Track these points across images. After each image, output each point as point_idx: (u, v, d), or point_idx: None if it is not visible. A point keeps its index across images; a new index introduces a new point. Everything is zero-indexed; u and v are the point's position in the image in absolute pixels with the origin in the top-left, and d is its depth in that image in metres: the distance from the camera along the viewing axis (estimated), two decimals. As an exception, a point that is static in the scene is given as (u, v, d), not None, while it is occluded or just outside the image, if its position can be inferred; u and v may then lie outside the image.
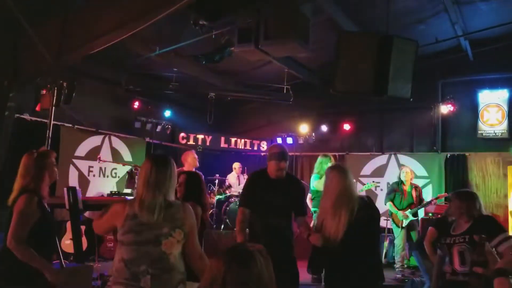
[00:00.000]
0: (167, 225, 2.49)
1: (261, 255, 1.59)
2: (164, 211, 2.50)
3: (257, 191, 3.91)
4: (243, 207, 3.98)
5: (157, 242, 2.46)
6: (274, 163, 3.83)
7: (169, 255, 2.47)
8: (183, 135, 10.72)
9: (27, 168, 3.17)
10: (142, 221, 2.48)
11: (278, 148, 3.95)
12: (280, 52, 6.40)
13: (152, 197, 2.50)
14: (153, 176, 2.54)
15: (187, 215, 2.59)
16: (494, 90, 8.84)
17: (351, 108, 9.89)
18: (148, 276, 2.41)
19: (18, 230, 2.91)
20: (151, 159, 2.65)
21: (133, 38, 6.34)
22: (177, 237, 2.50)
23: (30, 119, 7.35)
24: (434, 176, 9.13)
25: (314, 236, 3.51)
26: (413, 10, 7.24)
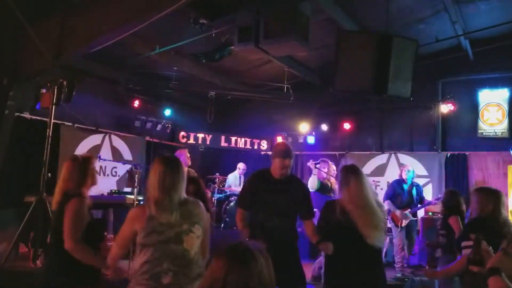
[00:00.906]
0: (186, 222, 2.57)
1: (261, 255, 1.59)
2: (180, 209, 2.57)
3: (259, 191, 3.80)
4: (240, 208, 3.91)
5: (178, 239, 2.53)
6: (279, 160, 3.73)
7: (190, 251, 2.55)
8: (183, 134, 10.72)
9: (71, 173, 3.26)
10: (162, 221, 2.53)
11: (283, 146, 3.88)
12: (280, 51, 6.39)
13: (168, 198, 2.56)
14: (168, 177, 2.59)
15: (203, 210, 2.69)
16: (494, 89, 8.83)
17: (351, 107, 9.90)
18: (170, 273, 2.48)
19: (75, 231, 2.98)
20: (163, 161, 2.68)
21: (133, 37, 6.35)
22: (197, 233, 2.58)
23: (30, 117, 7.35)
24: (434, 176, 9.13)
25: (324, 245, 3.45)
26: (413, 9, 7.23)
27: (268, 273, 1.58)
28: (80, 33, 5.48)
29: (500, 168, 8.66)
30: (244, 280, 1.51)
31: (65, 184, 3.23)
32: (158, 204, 2.54)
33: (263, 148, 11.25)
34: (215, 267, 1.56)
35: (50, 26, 5.63)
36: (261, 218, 3.73)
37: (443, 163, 9.11)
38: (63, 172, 3.32)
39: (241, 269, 1.53)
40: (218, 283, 1.52)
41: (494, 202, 3.56)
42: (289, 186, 3.82)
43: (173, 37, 7.42)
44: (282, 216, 3.74)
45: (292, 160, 3.81)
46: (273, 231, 3.64)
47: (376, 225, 3.35)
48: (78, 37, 5.52)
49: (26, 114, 7.29)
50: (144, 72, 9.20)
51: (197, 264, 2.59)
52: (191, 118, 10.91)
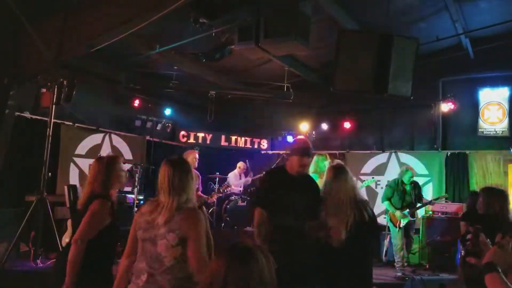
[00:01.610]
0: (164, 227, 2.46)
1: (262, 253, 1.58)
2: (173, 213, 2.48)
3: (274, 189, 3.60)
4: (259, 206, 3.59)
5: (154, 241, 2.47)
6: (297, 158, 3.59)
7: (164, 258, 2.44)
8: (184, 133, 10.72)
9: (97, 174, 3.21)
10: (148, 219, 2.53)
11: (302, 143, 3.72)
12: (280, 50, 6.39)
13: (170, 200, 2.51)
14: (175, 180, 2.54)
15: (188, 221, 2.48)
16: (494, 88, 8.83)
17: (351, 106, 9.89)
18: (146, 274, 2.44)
19: (86, 231, 2.95)
20: (171, 163, 2.64)
21: (133, 36, 6.34)
22: (171, 241, 2.43)
23: (31, 117, 7.35)
24: (434, 175, 9.12)
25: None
26: (414, 8, 7.22)
27: (269, 272, 1.58)
28: (80, 32, 5.47)
29: (501, 167, 8.65)
30: (245, 279, 1.51)
31: (91, 186, 3.19)
32: (159, 203, 2.55)
33: (263, 147, 11.25)
34: (215, 266, 1.56)
35: (51, 25, 5.63)
36: (277, 217, 3.52)
37: (443, 162, 9.10)
38: (89, 174, 3.29)
39: (241, 268, 1.53)
40: (218, 282, 1.52)
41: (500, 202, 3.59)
42: (304, 184, 3.68)
43: (173, 36, 7.41)
44: (298, 215, 3.54)
45: (310, 159, 3.66)
46: (290, 231, 3.47)
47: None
48: (79, 36, 5.51)
49: (27, 113, 7.29)
50: (145, 72, 9.20)
51: (175, 275, 2.43)
52: (191, 118, 10.91)
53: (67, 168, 8.07)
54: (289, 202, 3.51)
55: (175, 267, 2.44)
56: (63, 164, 7.92)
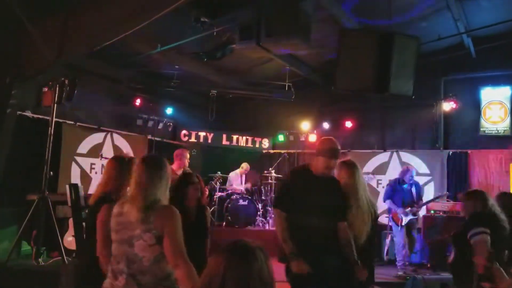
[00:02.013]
0: (140, 227, 2.40)
1: (261, 251, 1.59)
2: (145, 212, 2.41)
3: (298, 190, 3.44)
4: (280, 209, 3.45)
5: (130, 243, 2.42)
6: (323, 160, 3.41)
7: (142, 258, 2.39)
8: (185, 132, 10.74)
9: (111, 173, 3.14)
10: (122, 220, 2.47)
11: (330, 144, 3.47)
12: (282, 49, 6.39)
13: (138, 198, 2.45)
14: (144, 177, 2.48)
15: (162, 218, 2.40)
16: (496, 87, 8.81)
17: (353, 105, 9.88)
18: (124, 275, 2.41)
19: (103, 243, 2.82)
20: (143, 160, 2.60)
21: (134, 36, 6.33)
22: (148, 241, 2.39)
23: (32, 116, 7.36)
24: (436, 174, 9.11)
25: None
26: (415, 7, 7.21)
27: (268, 270, 1.58)
28: (81, 32, 5.48)
29: (502, 166, 8.64)
30: (244, 278, 1.52)
31: (105, 185, 3.12)
32: (127, 201, 2.51)
33: (265, 146, 11.25)
34: (214, 264, 1.56)
35: (52, 25, 5.64)
36: (300, 219, 3.37)
37: (445, 161, 9.09)
38: (105, 171, 3.22)
39: (240, 266, 1.53)
40: (217, 280, 1.52)
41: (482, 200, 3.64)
42: (328, 185, 3.54)
43: (174, 35, 7.42)
44: (322, 217, 3.40)
45: (337, 161, 3.49)
46: (314, 233, 3.35)
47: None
48: (80, 36, 5.52)
49: (28, 112, 7.30)
50: (146, 71, 9.21)
51: (154, 275, 2.40)
52: (192, 117, 10.91)
53: (68, 167, 8.08)
54: (313, 203, 3.38)
55: (154, 267, 2.40)
56: (64, 163, 7.93)
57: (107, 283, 2.50)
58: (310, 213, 3.37)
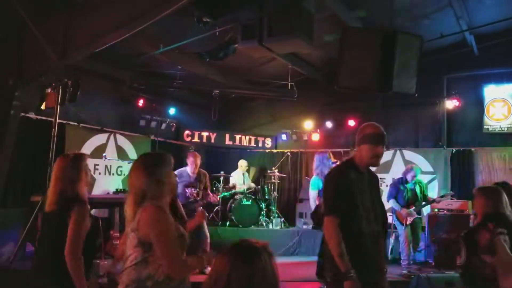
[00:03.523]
0: (129, 225, 2.42)
1: (265, 251, 1.59)
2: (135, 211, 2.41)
3: (353, 190, 2.99)
4: (335, 215, 2.89)
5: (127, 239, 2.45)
6: (369, 147, 3.01)
7: (129, 256, 2.39)
8: (188, 132, 10.75)
9: (63, 171, 3.05)
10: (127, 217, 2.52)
11: (373, 128, 3.08)
12: (284, 48, 6.40)
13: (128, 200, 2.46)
14: (130, 179, 2.48)
15: (143, 220, 2.33)
16: (499, 84, 8.78)
17: (355, 104, 9.86)
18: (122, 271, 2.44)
19: (77, 245, 2.85)
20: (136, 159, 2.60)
21: (137, 36, 6.35)
22: (132, 241, 2.37)
23: (36, 117, 7.38)
24: (439, 172, 9.09)
25: None
26: (417, 5, 7.20)
27: (272, 269, 1.58)
28: (84, 32, 5.49)
29: (506, 163, 8.62)
30: (248, 277, 1.52)
31: (60, 184, 3.03)
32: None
33: (268, 145, 11.25)
34: (219, 264, 1.57)
35: (55, 26, 5.65)
36: (359, 224, 2.96)
37: (448, 159, 9.07)
38: (55, 170, 3.10)
39: (245, 266, 1.53)
40: (222, 280, 1.52)
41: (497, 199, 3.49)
42: (373, 179, 3.21)
43: (177, 36, 7.42)
44: (376, 220, 3.07)
45: (384, 148, 3.07)
46: (371, 241, 3.00)
47: None
48: (83, 36, 5.53)
49: (32, 114, 7.32)
50: (149, 71, 9.22)
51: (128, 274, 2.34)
52: (195, 117, 10.92)
53: (72, 168, 8.09)
54: (365, 202, 3.02)
55: (136, 268, 2.34)
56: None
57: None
58: (368, 217, 3.00)
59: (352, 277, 2.75)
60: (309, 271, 6.14)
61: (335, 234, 2.85)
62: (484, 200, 3.52)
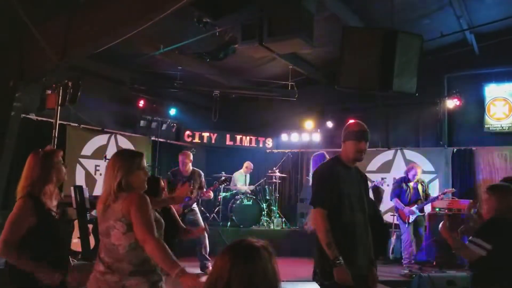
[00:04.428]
0: (112, 218, 2.54)
1: (266, 251, 1.59)
2: (111, 203, 2.55)
3: (339, 183, 3.16)
4: (322, 207, 3.08)
5: (107, 234, 2.56)
6: (353, 143, 3.21)
7: (118, 246, 2.52)
8: (189, 133, 10.75)
9: (32, 168, 3.01)
10: (98, 214, 2.63)
11: (357, 126, 3.30)
12: (284, 48, 6.38)
13: (102, 192, 2.61)
14: (107, 170, 2.64)
15: (127, 205, 2.50)
16: (500, 83, 8.77)
17: (356, 103, 9.86)
18: (104, 264, 2.54)
19: (7, 235, 2.81)
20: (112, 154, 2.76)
21: (137, 37, 6.35)
22: (120, 229, 2.51)
23: (36, 119, 7.40)
24: (440, 171, 9.09)
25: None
26: (417, 4, 7.20)
27: (273, 269, 1.58)
28: (84, 33, 5.48)
29: (507, 163, 8.60)
30: (249, 276, 1.52)
31: (25, 181, 2.99)
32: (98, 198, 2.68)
33: (268, 146, 11.25)
34: (219, 263, 1.57)
35: (55, 27, 5.65)
36: (346, 216, 3.11)
37: (449, 158, 9.06)
38: (24, 168, 3.05)
39: (245, 265, 1.53)
40: (223, 279, 1.52)
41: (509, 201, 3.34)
42: (359, 174, 3.39)
43: (177, 36, 7.43)
44: (364, 211, 3.24)
45: (367, 144, 3.28)
46: (361, 231, 3.16)
47: None
48: (83, 37, 5.52)
49: (32, 115, 7.33)
50: (149, 72, 9.23)
51: (130, 261, 2.51)
52: (196, 117, 10.93)
53: (73, 169, 8.12)
54: (352, 195, 3.18)
55: (129, 254, 2.52)
56: (69, 165, 7.94)
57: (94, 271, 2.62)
58: (354, 209, 3.16)
59: (340, 264, 2.92)
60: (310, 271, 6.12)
61: (322, 224, 3.03)
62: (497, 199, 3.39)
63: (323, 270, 3.06)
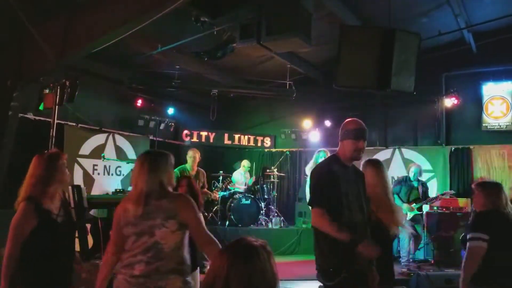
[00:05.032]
0: (159, 216, 2.54)
1: (264, 250, 1.58)
2: (155, 202, 2.56)
3: (338, 182, 3.08)
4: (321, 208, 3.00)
5: (151, 232, 2.53)
6: (351, 142, 3.14)
7: (163, 245, 2.53)
8: (187, 132, 10.74)
9: (35, 170, 3.03)
10: (135, 213, 2.56)
11: (355, 124, 3.21)
12: (283, 47, 6.38)
13: (140, 190, 2.58)
14: (143, 170, 2.61)
15: (181, 205, 2.60)
16: (498, 82, 8.79)
17: (354, 102, 9.85)
18: (142, 264, 2.51)
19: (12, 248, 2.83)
20: (142, 154, 2.74)
21: (135, 36, 6.34)
22: (171, 228, 2.54)
23: (34, 118, 7.37)
24: (438, 170, 9.10)
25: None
26: (416, 2, 7.20)
27: (271, 268, 1.58)
28: (82, 33, 5.48)
29: (505, 161, 8.62)
30: (247, 276, 1.51)
31: (28, 184, 3.02)
32: (131, 197, 2.63)
33: (267, 145, 11.25)
34: (217, 263, 1.56)
35: (53, 26, 5.65)
36: (344, 216, 3.03)
37: (447, 157, 9.07)
38: (29, 170, 3.08)
39: (243, 265, 1.53)
40: (220, 279, 1.52)
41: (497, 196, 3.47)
42: (357, 173, 3.34)
43: (175, 35, 7.42)
44: (362, 211, 3.18)
45: (366, 142, 3.21)
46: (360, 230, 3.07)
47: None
48: (81, 37, 5.53)
49: (30, 114, 7.31)
50: (147, 71, 9.21)
51: (173, 259, 2.55)
52: (194, 116, 10.92)
53: (71, 169, 8.09)
54: (351, 195, 3.12)
55: (173, 252, 2.55)
56: (67, 165, 7.94)
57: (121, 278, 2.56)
58: (354, 209, 3.10)
59: (358, 241, 2.89)
60: (309, 270, 6.12)
61: (324, 220, 2.96)
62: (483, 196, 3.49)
63: (326, 271, 3.02)
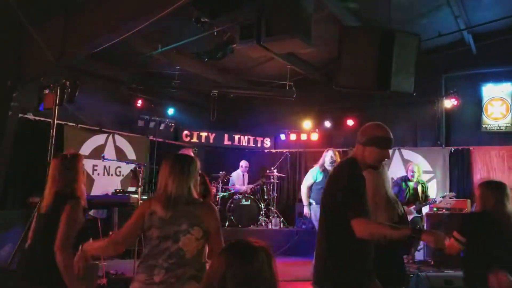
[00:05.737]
0: (185, 222, 2.52)
1: (263, 251, 1.58)
2: (183, 207, 2.54)
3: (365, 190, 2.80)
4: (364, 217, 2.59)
5: (176, 238, 2.50)
6: (377, 151, 2.82)
7: (186, 252, 2.50)
8: (187, 132, 10.74)
9: (60, 172, 3.05)
10: (162, 216, 2.53)
11: (384, 132, 2.90)
12: (282, 48, 6.37)
13: (170, 194, 2.55)
14: (174, 173, 2.59)
15: (207, 213, 2.59)
16: (498, 83, 8.79)
17: (354, 103, 9.86)
18: (163, 270, 2.47)
19: (68, 238, 2.85)
20: (172, 157, 2.71)
21: (135, 37, 6.35)
22: (196, 235, 2.52)
23: (34, 118, 7.37)
24: (438, 171, 9.10)
25: None
26: (415, 3, 7.20)
27: (270, 269, 1.57)
28: (82, 33, 5.49)
29: (505, 163, 8.63)
30: (244, 277, 1.50)
31: (56, 185, 3.03)
32: (159, 198, 2.58)
33: (267, 145, 11.25)
34: (216, 263, 1.56)
35: (53, 26, 5.65)
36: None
37: (447, 158, 9.08)
38: (51, 171, 3.11)
39: (241, 265, 1.52)
40: (218, 279, 1.52)
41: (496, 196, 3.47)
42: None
43: (175, 36, 7.42)
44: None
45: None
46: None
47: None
48: (80, 37, 5.53)
49: (30, 115, 7.31)
50: (147, 72, 9.21)
51: (193, 266, 2.53)
52: (194, 117, 10.92)
53: (71, 169, 8.08)
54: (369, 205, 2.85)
55: (195, 259, 2.53)
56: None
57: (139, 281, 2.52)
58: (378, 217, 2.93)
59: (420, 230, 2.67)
60: (308, 271, 6.13)
61: (372, 226, 2.62)
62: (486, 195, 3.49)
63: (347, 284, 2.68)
